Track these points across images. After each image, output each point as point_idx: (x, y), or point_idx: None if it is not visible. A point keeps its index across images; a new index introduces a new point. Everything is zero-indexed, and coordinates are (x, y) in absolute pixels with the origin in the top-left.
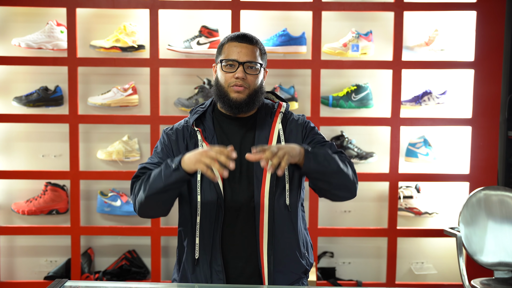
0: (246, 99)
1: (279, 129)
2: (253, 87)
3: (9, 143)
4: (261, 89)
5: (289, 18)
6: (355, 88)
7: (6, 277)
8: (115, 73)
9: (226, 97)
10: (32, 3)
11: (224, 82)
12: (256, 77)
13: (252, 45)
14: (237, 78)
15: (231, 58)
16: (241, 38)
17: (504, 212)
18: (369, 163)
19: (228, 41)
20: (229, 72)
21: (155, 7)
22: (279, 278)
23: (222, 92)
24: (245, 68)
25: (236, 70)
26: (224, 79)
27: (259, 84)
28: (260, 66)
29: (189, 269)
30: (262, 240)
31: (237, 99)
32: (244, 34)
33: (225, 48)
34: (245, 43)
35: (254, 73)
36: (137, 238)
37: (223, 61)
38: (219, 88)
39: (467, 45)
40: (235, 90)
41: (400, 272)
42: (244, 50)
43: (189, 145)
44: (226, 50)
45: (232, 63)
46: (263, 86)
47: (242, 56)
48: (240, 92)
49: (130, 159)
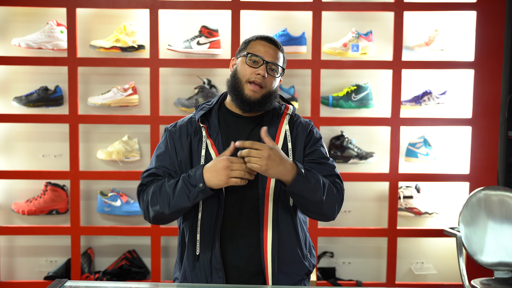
0: (260, 99)
1: (286, 130)
2: (268, 89)
3: (9, 143)
4: (275, 93)
5: (289, 18)
6: (355, 88)
7: (6, 277)
8: (115, 73)
9: (241, 92)
10: (32, 3)
11: (243, 76)
12: (275, 79)
13: (279, 50)
14: (258, 74)
15: (258, 54)
16: (269, 40)
17: (504, 212)
18: (369, 163)
19: (256, 39)
20: (251, 67)
21: (155, 7)
22: (282, 279)
23: (237, 86)
24: (268, 68)
25: (259, 66)
26: (244, 72)
27: (274, 87)
28: (282, 70)
29: (190, 266)
30: (266, 240)
31: (251, 97)
32: (274, 38)
33: (252, 44)
34: (273, 46)
35: (274, 75)
36: (137, 238)
37: (249, 54)
38: (236, 81)
39: (467, 45)
40: (251, 87)
41: (400, 272)
42: (271, 51)
43: (193, 141)
44: (253, 46)
45: (257, 59)
46: (277, 91)
47: (268, 55)
48: (256, 91)
49: (130, 159)
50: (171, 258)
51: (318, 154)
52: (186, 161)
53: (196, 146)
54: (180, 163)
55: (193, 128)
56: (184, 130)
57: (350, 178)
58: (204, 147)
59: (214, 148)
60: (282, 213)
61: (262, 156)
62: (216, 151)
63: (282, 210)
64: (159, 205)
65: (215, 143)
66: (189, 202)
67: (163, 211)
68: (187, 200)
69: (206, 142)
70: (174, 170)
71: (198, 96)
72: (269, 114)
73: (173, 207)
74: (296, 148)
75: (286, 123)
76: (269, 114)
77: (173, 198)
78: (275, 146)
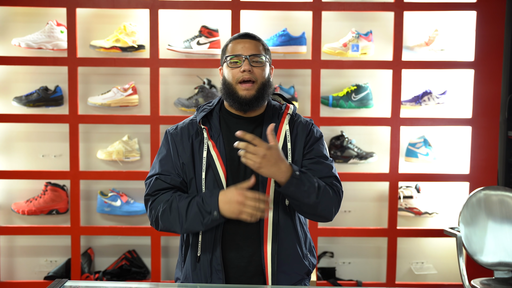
0: (256, 94)
1: (286, 130)
2: (260, 81)
3: (9, 143)
4: (269, 83)
5: (289, 18)
6: (355, 88)
7: (6, 277)
8: (115, 73)
9: (235, 95)
10: (32, 3)
11: (232, 79)
12: (263, 69)
13: (255, 41)
14: (243, 71)
15: (236, 53)
16: (243, 36)
17: (504, 212)
18: (369, 163)
19: (231, 40)
20: (235, 68)
21: (155, 7)
22: (283, 279)
23: (230, 91)
24: (251, 61)
25: (242, 63)
26: (231, 75)
27: (266, 77)
28: (265, 58)
29: (191, 267)
30: (266, 240)
31: (247, 96)
32: (246, 32)
33: (228, 47)
34: (248, 39)
35: (260, 65)
36: (137, 238)
37: (228, 57)
38: (227, 86)
39: (467, 45)
40: (243, 87)
41: (400, 272)
42: (248, 45)
43: (194, 143)
44: (231, 48)
45: (237, 58)
46: (271, 81)
47: (246, 50)
48: (249, 89)
49: (130, 159)
50: (171, 258)
51: (316, 153)
52: (188, 163)
53: (197, 148)
54: (182, 166)
55: (195, 130)
56: (186, 132)
57: (350, 178)
58: (206, 149)
59: (216, 149)
60: (282, 213)
61: (257, 154)
62: (217, 153)
63: (282, 210)
64: (170, 224)
65: (216, 145)
66: (202, 227)
67: (175, 230)
68: (201, 225)
69: (207, 144)
70: (177, 173)
71: (198, 96)
72: (270, 114)
73: (187, 230)
74: (295, 149)
75: (287, 123)
76: (269, 114)
77: (186, 220)
78: (275, 146)
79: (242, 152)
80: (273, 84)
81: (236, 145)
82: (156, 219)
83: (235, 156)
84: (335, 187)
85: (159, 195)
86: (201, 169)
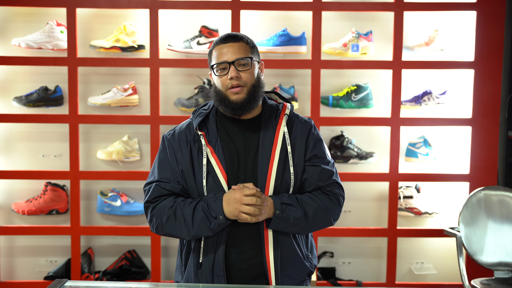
0: (247, 98)
1: (284, 132)
2: (250, 83)
3: (9, 143)
4: (259, 83)
5: (289, 18)
6: (355, 88)
7: (6, 277)
8: (115, 73)
9: (227, 100)
10: (32, 3)
11: (221, 86)
12: (250, 72)
13: (238, 42)
14: (231, 78)
15: (220, 61)
16: (225, 39)
17: (504, 212)
18: (369, 163)
19: (214, 46)
20: (222, 76)
21: (155, 7)
22: (285, 281)
23: (221, 97)
24: (237, 66)
25: (229, 71)
26: (220, 83)
27: (255, 78)
28: (251, 60)
29: (193, 272)
30: (267, 243)
31: (238, 100)
32: (228, 34)
33: (213, 54)
34: (231, 42)
35: (247, 69)
36: (137, 238)
37: (214, 66)
38: (218, 93)
39: (467, 45)
40: (233, 92)
41: (400, 272)
42: (231, 49)
43: (193, 149)
44: (215, 55)
45: (223, 66)
46: (262, 80)
47: (230, 55)
48: (239, 92)
49: (130, 159)
50: (171, 258)
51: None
52: (187, 170)
53: (196, 154)
54: (182, 173)
55: (192, 135)
56: (183, 137)
57: (350, 178)
58: (205, 156)
59: (214, 155)
60: None
61: (266, 203)
62: (216, 159)
63: None
64: (176, 231)
65: (214, 150)
66: (210, 232)
67: (181, 236)
68: (208, 230)
69: (206, 151)
70: (177, 180)
71: (198, 96)
72: (266, 115)
73: (195, 236)
74: (295, 151)
75: (284, 125)
76: (266, 116)
77: (193, 227)
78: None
79: (251, 210)
80: (264, 82)
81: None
82: (159, 226)
83: (234, 159)
84: (334, 195)
85: (159, 202)
86: (201, 176)
